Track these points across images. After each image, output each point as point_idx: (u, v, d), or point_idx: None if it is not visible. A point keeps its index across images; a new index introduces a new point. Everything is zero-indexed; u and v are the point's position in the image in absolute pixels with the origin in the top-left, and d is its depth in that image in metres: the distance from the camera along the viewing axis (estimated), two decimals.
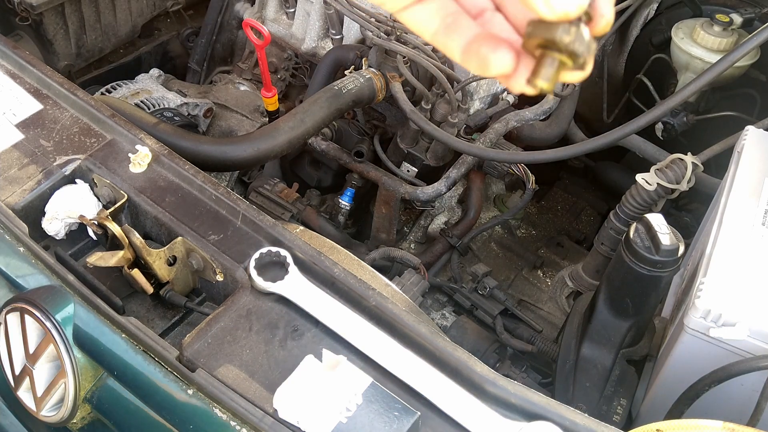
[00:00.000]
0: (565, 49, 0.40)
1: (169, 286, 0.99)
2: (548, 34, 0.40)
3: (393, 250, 1.55)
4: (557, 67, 0.41)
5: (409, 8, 0.48)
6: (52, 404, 0.94)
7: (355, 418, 0.74)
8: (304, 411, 0.74)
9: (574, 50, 0.40)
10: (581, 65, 0.41)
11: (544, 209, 1.96)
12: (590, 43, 0.40)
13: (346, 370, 0.77)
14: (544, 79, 0.42)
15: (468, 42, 0.46)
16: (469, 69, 0.47)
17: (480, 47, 0.45)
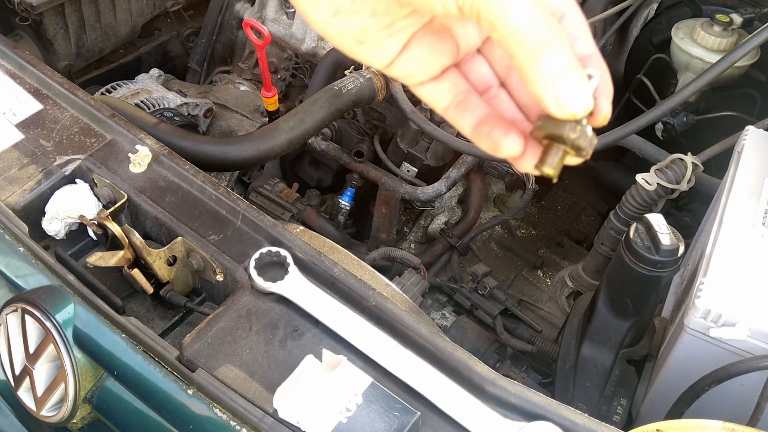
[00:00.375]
0: (570, 143, 0.46)
1: (169, 286, 0.99)
2: (556, 129, 0.45)
3: (393, 250, 1.55)
4: (561, 156, 0.47)
5: (426, 84, 0.52)
6: (52, 404, 0.94)
7: (355, 418, 0.74)
8: (304, 411, 0.74)
9: (579, 145, 0.46)
10: (581, 154, 0.47)
11: (544, 209, 1.96)
12: (592, 139, 0.46)
13: (346, 370, 0.77)
14: (550, 166, 0.47)
15: (478, 121, 0.50)
16: (480, 147, 0.51)
17: (492, 130, 0.49)
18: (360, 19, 0.48)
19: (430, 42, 0.51)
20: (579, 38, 0.47)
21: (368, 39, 0.49)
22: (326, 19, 0.48)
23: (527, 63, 0.43)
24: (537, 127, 0.47)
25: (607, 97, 0.48)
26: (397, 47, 0.50)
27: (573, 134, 0.45)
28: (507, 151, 0.48)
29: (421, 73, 0.52)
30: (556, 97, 0.44)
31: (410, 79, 0.52)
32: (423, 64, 0.51)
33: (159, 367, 0.86)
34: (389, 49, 0.50)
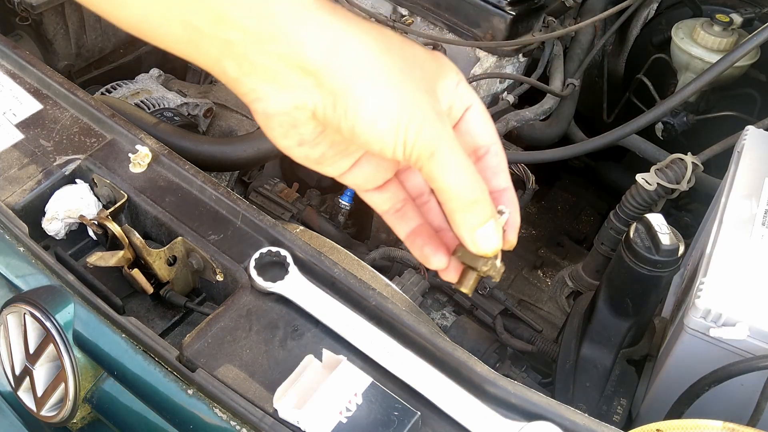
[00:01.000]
0: (482, 272, 0.57)
1: (169, 286, 0.99)
2: (471, 262, 0.57)
3: (393, 250, 1.55)
4: (475, 279, 0.58)
5: (370, 192, 0.61)
6: (52, 404, 0.94)
7: (355, 418, 0.74)
8: (304, 411, 0.74)
9: (489, 274, 0.57)
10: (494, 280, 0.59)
11: (544, 209, 1.96)
12: (500, 268, 0.57)
13: (346, 370, 0.77)
14: (465, 287, 0.58)
15: (412, 231, 0.60)
16: (412, 253, 0.61)
17: (424, 246, 0.59)
18: (321, 149, 0.56)
19: (376, 161, 0.59)
20: (498, 174, 0.58)
21: (326, 161, 0.57)
22: (292, 146, 0.55)
23: (455, 212, 0.53)
24: (457, 255, 0.58)
25: (514, 230, 0.58)
26: (348, 164, 0.58)
27: (485, 267, 0.56)
28: (434, 265, 0.59)
29: (366, 185, 0.60)
30: (474, 240, 0.54)
31: (357, 187, 0.61)
32: (368, 177, 0.60)
33: (159, 367, 0.86)
34: (342, 166, 0.59)
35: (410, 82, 0.51)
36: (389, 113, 0.50)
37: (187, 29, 0.48)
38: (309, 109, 0.51)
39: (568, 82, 1.67)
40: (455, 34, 1.63)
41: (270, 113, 0.51)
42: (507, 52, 1.63)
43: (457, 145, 0.52)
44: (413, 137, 0.50)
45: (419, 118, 0.50)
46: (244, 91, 0.51)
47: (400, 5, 1.69)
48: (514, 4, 1.58)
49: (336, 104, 0.50)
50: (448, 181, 0.51)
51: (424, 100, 0.51)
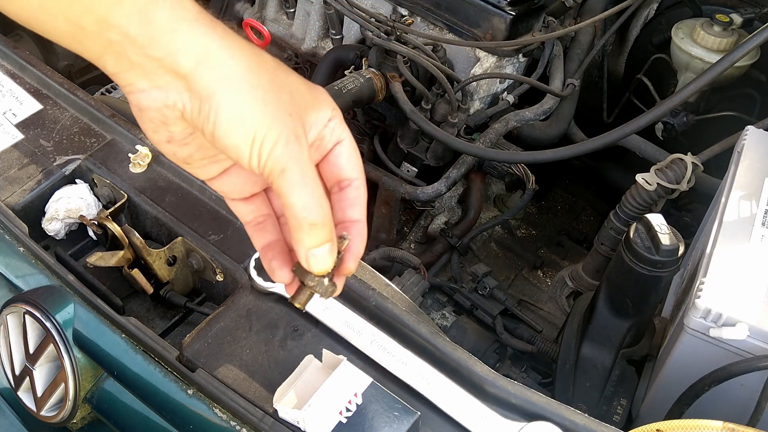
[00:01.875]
0: (310, 288, 0.61)
1: (169, 286, 0.99)
2: (303, 278, 0.60)
3: (393, 250, 1.55)
4: (308, 295, 0.62)
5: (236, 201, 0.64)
6: (52, 404, 0.94)
7: (355, 418, 0.74)
8: (304, 411, 0.74)
9: (316, 291, 0.61)
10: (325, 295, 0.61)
11: (544, 209, 1.96)
12: (329, 287, 0.60)
13: (346, 370, 0.77)
14: (298, 302, 0.62)
15: (267, 244, 0.63)
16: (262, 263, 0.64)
17: (273, 259, 0.63)
18: (188, 150, 0.58)
19: (245, 174, 0.62)
20: (354, 207, 0.62)
21: (193, 162, 0.60)
22: (161, 142, 0.58)
23: (295, 230, 0.56)
24: (293, 269, 0.62)
25: (354, 258, 0.62)
26: (217, 171, 0.61)
27: (312, 283, 0.60)
28: (278, 278, 0.62)
29: (233, 194, 0.63)
30: (306, 258, 0.57)
31: (223, 194, 0.64)
32: (236, 187, 0.62)
33: (159, 367, 0.86)
34: (210, 171, 0.61)
35: (275, 102, 0.55)
36: (247, 124, 0.53)
37: (71, 26, 0.51)
38: (178, 109, 0.54)
39: (568, 82, 1.67)
40: (455, 34, 1.63)
41: (143, 107, 0.55)
42: (507, 52, 1.63)
43: (309, 168, 0.56)
44: (267, 151, 0.54)
45: (275, 134, 0.54)
46: (122, 84, 0.55)
47: (400, 5, 1.69)
48: (514, 4, 1.58)
49: (201, 108, 0.53)
50: (293, 200, 0.55)
51: (284, 120, 0.55)
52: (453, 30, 1.64)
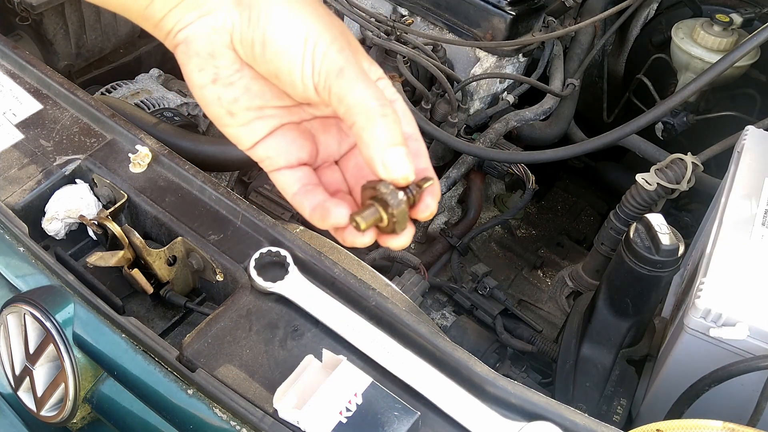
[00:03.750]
0: (383, 204, 0.52)
1: (169, 286, 0.99)
2: (376, 190, 0.53)
3: (393, 250, 1.55)
4: (375, 216, 0.53)
5: (281, 170, 0.59)
6: (52, 404, 0.94)
7: (355, 418, 0.74)
8: (304, 411, 0.74)
9: (390, 205, 0.52)
10: (393, 227, 0.53)
11: (544, 209, 1.96)
12: (403, 212, 0.53)
13: (346, 370, 0.77)
14: (362, 218, 0.53)
15: (319, 203, 0.57)
16: (312, 222, 0.57)
17: (326, 202, 0.56)
18: (235, 91, 0.55)
19: (294, 136, 0.58)
20: (419, 157, 0.57)
21: (239, 113, 0.56)
22: (206, 84, 0.55)
23: (365, 129, 0.51)
24: (363, 187, 0.55)
25: (435, 198, 0.56)
26: (264, 130, 0.57)
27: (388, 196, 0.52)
28: (334, 217, 0.55)
29: (279, 160, 0.58)
30: (384, 160, 0.51)
31: (269, 162, 0.59)
32: (282, 152, 0.58)
33: (159, 367, 0.86)
34: (257, 130, 0.57)
35: (326, 18, 0.53)
36: (299, 26, 0.51)
37: None
38: (227, 30, 0.53)
39: (568, 82, 1.67)
40: (455, 34, 1.64)
41: (191, 40, 0.54)
42: (507, 52, 1.63)
43: (365, 71, 0.52)
44: (321, 53, 0.51)
45: (328, 37, 0.51)
46: (170, 25, 0.54)
47: (400, 5, 1.69)
48: (514, 4, 1.58)
49: (250, 17, 0.52)
50: (356, 95, 0.51)
51: (336, 30, 0.52)
52: (453, 30, 1.64)
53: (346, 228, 0.56)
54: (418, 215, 0.55)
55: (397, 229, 0.54)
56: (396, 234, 0.54)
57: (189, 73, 0.55)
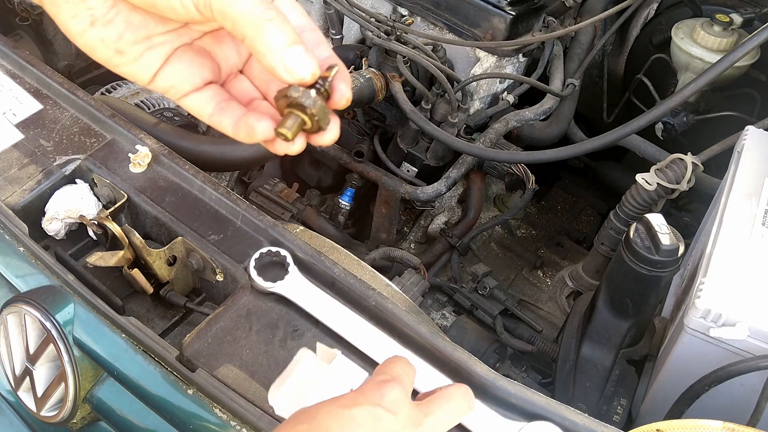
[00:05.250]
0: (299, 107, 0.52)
1: (169, 286, 0.99)
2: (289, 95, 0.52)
3: (393, 250, 1.55)
4: (297, 121, 0.52)
5: (190, 95, 0.57)
6: (52, 404, 0.94)
7: None
8: (300, 407, 0.73)
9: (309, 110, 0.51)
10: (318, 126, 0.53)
11: (544, 209, 1.96)
12: (321, 108, 0.52)
13: (341, 365, 0.77)
14: (286, 129, 0.52)
15: (238, 118, 0.56)
16: (239, 139, 0.56)
17: (248, 119, 0.55)
18: (116, 29, 0.53)
19: (191, 58, 0.56)
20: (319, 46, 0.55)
21: (127, 49, 0.54)
22: (85, 29, 0.52)
23: (257, 39, 0.49)
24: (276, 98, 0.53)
25: (347, 82, 0.54)
26: (159, 60, 0.55)
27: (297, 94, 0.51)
28: (260, 133, 0.54)
29: (184, 85, 0.56)
30: (284, 64, 0.50)
31: (174, 90, 0.57)
32: (185, 76, 0.56)
33: (159, 367, 0.86)
34: (151, 61, 0.55)
35: None
36: None
37: None
38: None
39: (568, 82, 1.67)
40: (455, 34, 1.64)
41: None
42: (507, 52, 1.63)
43: None
44: None
45: None
46: None
47: (400, 5, 1.69)
48: (514, 4, 1.58)
49: None
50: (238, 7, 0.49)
51: None
52: (453, 30, 1.64)
53: (274, 140, 0.55)
54: (336, 105, 0.54)
55: (322, 125, 0.53)
56: (323, 130, 0.54)
57: (64, 23, 0.53)
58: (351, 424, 0.55)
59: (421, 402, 0.61)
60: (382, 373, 0.61)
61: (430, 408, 0.61)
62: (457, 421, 0.62)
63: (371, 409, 0.56)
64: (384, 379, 0.60)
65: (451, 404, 0.62)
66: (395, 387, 0.59)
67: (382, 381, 0.59)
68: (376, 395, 0.58)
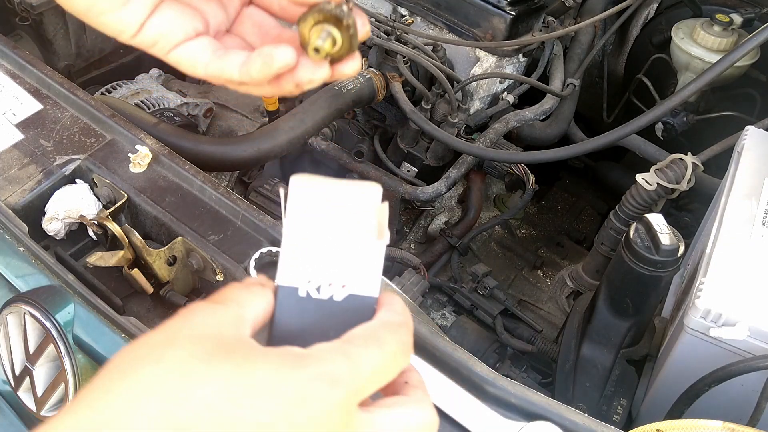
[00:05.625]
0: (335, 21, 0.47)
1: (169, 286, 0.99)
2: (321, 12, 0.47)
3: (393, 250, 1.55)
4: (330, 39, 0.47)
5: (182, 45, 0.52)
6: (52, 404, 0.94)
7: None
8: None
9: (341, 18, 0.46)
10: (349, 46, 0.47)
11: (544, 209, 1.96)
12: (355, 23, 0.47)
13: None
14: (321, 40, 0.47)
15: (246, 59, 0.50)
16: (250, 77, 0.50)
17: (263, 49, 0.49)
18: None
19: (179, 8, 0.51)
20: None
21: (102, 6, 0.49)
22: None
23: None
24: (301, 19, 0.48)
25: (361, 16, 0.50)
26: (146, 8, 0.50)
27: (336, 11, 0.47)
28: (280, 60, 0.48)
29: (176, 33, 0.51)
30: None
31: (165, 41, 0.51)
32: (176, 24, 0.51)
33: None
34: (137, 9, 0.50)
35: None
36: None
37: None
38: None
39: (568, 82, 1.67)
40: (455, 34, 1.64)
41: None
42: (507, 52, 1.63)
43: None
44: None
45: None
46: None
47: (400, 5, 1.69)
48: (514, 4, 1.58)
49: None
50: None
51: None
52: (453, 30, 1.64)
53: (295, 68, 0.49)
54: (361, 31, 0.50)
55: (354, 44, 0.49)
56: (351, 55, 0.50)
57: None
58: None
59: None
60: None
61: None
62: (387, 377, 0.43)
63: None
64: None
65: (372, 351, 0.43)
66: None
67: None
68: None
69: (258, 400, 0.36)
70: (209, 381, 0.36)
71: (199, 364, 0.37)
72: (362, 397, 0.40)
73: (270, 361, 0.38)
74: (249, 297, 0.48)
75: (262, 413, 0.36)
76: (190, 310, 0.43)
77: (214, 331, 0.41)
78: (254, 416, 0.35)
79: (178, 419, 0.35)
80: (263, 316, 0.47)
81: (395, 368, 0.44)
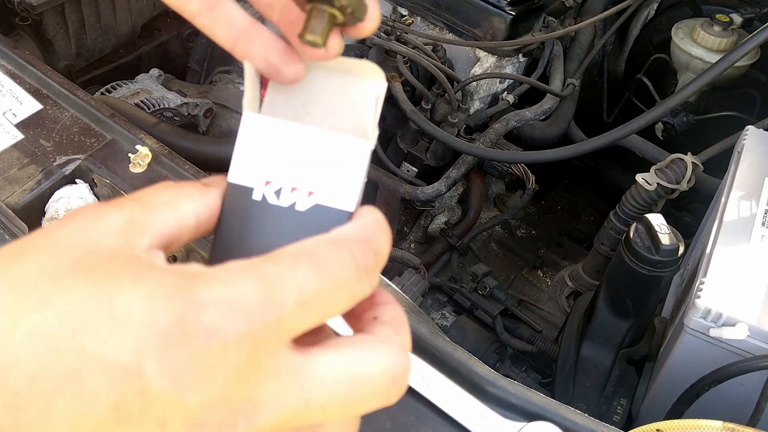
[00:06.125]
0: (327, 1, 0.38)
1: None
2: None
3: (393, 250, 1.55)
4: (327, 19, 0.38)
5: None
6: None
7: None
8: None
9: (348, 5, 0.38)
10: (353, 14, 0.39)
11: (544, 209, 1.96)
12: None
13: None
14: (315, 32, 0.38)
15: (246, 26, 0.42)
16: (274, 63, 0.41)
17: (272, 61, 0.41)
18: None
19: None
20: None
21: None
22: None
23: None
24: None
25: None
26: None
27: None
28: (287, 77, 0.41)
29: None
30: None
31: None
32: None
33: None
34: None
35: None
36: None
37: None
38: None
39: (568, 82, 1.67)
40: (455, 34, 1.64)
41: None
42: (507, 52, 1.63)
43: None
44: None
45: None
46: None
47: (400, 5, 1.69)
48: (514, 4, 1.58)
49: None
50: None
51: None
52: (453, 30, 1.64)
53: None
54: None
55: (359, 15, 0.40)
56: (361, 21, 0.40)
57: None
58: None
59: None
60: None
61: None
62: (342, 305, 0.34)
63: None
64: None
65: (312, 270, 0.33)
66: None
67: None
68: None
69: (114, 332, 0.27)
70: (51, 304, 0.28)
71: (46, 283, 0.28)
72: (289, 334, 0.31)
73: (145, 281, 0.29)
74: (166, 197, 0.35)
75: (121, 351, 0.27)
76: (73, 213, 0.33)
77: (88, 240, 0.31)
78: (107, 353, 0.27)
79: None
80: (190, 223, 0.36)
81: (342, 296, 0.34)
